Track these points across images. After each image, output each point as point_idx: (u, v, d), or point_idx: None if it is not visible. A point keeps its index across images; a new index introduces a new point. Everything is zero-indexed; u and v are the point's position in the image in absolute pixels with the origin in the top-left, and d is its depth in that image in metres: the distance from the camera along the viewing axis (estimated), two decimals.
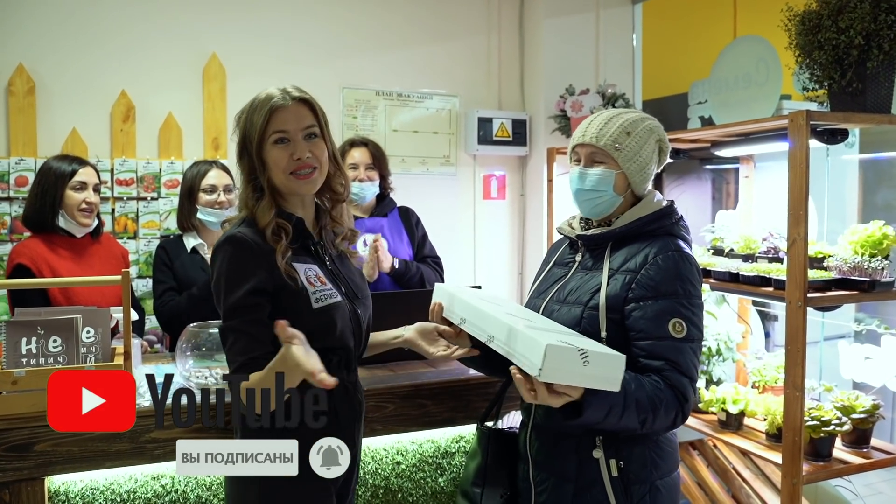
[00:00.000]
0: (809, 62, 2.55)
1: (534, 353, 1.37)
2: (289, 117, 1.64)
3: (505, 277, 4.41)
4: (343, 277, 1.76)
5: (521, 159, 4.39)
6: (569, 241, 1.90)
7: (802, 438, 2.40)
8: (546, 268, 1.94)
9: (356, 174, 2.89)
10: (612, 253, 1.73)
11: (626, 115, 1.74)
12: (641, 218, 1.72)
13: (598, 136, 1.70)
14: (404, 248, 2.98)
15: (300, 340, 1.42)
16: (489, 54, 4.29)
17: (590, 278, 1.73)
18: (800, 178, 2.34)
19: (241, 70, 3.70)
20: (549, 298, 1.80)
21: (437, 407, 2.21)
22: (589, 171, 1.73)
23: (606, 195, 1.73)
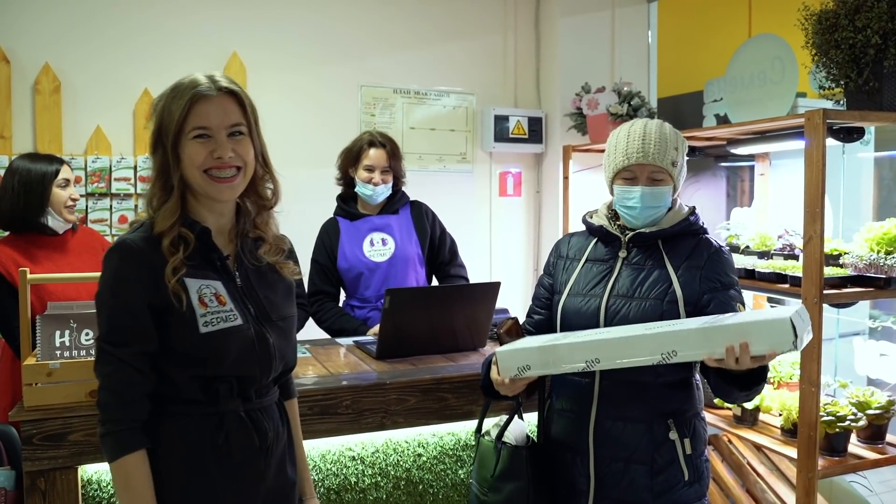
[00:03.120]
0: (826, 61, 2.57)
1: (776, 332, 1.45)
2: (212, 110, 1.43)
3: (520, 274, 4.44)
4: (254, 296, 1.54)
5: (536, 157, 4.43)
6: (597, 238, 1.97)
7: (818, 433, 2.43)
8: (573, 265, 1.97)
9: (370, 176, 2.89)
10: (666, 251, 1.86)
11: (666, 129, 1.87)
12: (687, 219, 1.88)
13: (660, 156, 1.82)
14: (412, 246, 2.98)
15: None
16: (505, 53, 4.33)
17: (649, 274, 1.84)
18: (816, 176, 2.36)
19: (262, 68, 3.75)
20: (608, 295, 1.85)
21: (458, 400, 2.25)
22: (654, 189, 1.85)
23: (664, 208, 1.88)
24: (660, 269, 1.84)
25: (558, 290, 1.98)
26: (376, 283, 2.93)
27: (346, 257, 2.92)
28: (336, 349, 2.63)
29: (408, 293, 2.51)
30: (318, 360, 2.46)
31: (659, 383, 1.80)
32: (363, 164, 2.90)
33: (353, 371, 2.31)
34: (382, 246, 2.94)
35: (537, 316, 2.04)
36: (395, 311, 2.41)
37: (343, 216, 3.02)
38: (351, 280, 2.95)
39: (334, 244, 2.95)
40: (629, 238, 1.89)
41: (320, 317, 2.95)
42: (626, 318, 1.80)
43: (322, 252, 2.98)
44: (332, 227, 3.01)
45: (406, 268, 2.96)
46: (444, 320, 2.51)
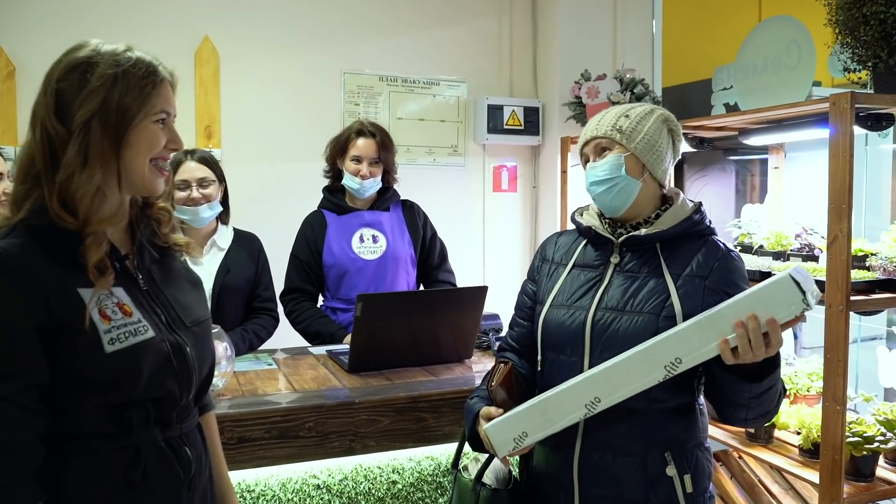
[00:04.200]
0: (851, 40, 2.30)
1: (780, 293, 1.31)
2: (170, 95, 1.31)
3: (515, 275, 4.18)
4: (162, 300, 1.32)
5: (533, 149, 4.16)
6: (587, 241, 1.72)
7: (843, 457, 2.16)
8: (558, 270, 1.73)
9: (358, 168, 2.67)
10: (665, 256, 1.60)
11: (620, 106, 1.69)
12: (690, 218, 1.63)
13: (598, 127, 1.64)
14: (405, 247, 2.76)
15: None
16: (500, 38, 4.06)
17: (644, 283, 1.58)
18: (843, 169, 2.09)
19: (236, 54, 3.50)
20: (595, 307, 1.60)
21: (438, 421, 2.00)
22: (597, 162, 1.64)
23: (621, 180, 1.61)
24: (656, 277, 1.57)
25: (541, 300, 1.72)
26: (364, 283, 2.69)
27: (332, 252, 2.69)
28: (305, 360, 2.37)
29: (382, 299, 2.26)
30: (283, 373, 2.20)
31: (654, 409, 1.54)
32: (350, 155, 2.67)
33: (320, 387, 2.05)
34: (373, 243, 2.70)
35: (519, 328, 1.79)
36: (369, 319, 2.15)
37: (330, 209, 2.79)
38: (335, 278, 2.71)
39: (319, 238, 2.72)
40: (622, 240, 1.63)
41: (295, 317, 2.72)
42: (615, 334, 1.55)
43: (304, 247, 2.74)
44: (318, 220, 2.76)
45: (397, 268, 2.73)
46: (426, 329, 2.26)
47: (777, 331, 1.33)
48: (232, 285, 2.53)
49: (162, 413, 1.27)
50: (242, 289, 2.57)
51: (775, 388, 1.45)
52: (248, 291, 2.60)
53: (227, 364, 1.96)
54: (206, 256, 2.54)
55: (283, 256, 2.85)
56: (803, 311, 1.30)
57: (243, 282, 2.57)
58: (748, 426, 1.70)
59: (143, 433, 1.23)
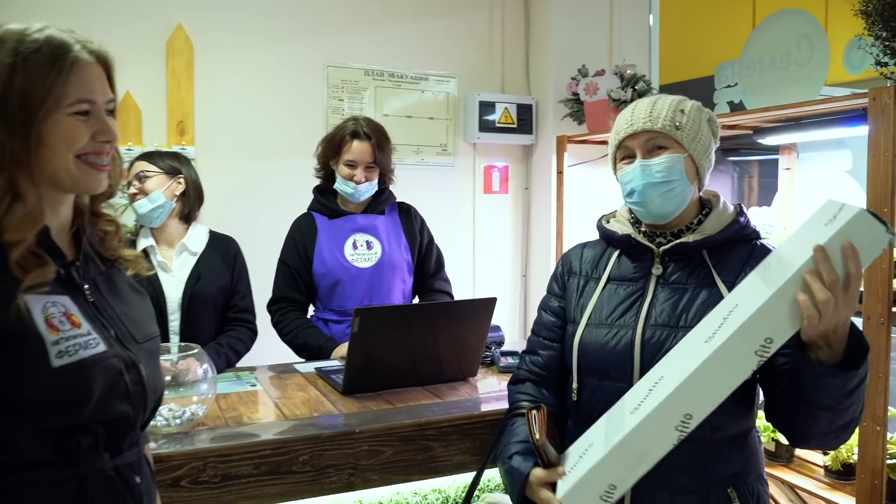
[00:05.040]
0: (881, 30, 2.14)
1: (862, 228, 1.12)
2: (94, 81, 1.10)
3: (507, 281, 3.98)
4: (110, 313, 1.16)
5: (525, 149, 3.96)
6: (620, 251, 1.55)
7: (883, 481, 2.00)
8: (591, 285, 1.55)
9: (352, 173, 2.45)
10: (714, 263, 1.44)
11: (669, 96, 1.52)
12: (736, 221, 1.49)
13: (652, 119, 1.44)
14: (401, 252, 2.55)
15: None
16: (491, 32, 3.85)
17: (696, 295, 1.42)
18: (885, 169, 1.93)
19: (211, 44, 3.25)
20: (643, 324, 1.42)
21: (446, 450, 1.79)
22: (653, 160, 1.44)
23: (680, 184, 1.45)
24: (708, 287, 1.42)
25: (572, 319, 1.54)
26: (358, 293, 2.48)
27: (323, 261, 2.47)
28: (292, 380, 2.14)
29: (381, 313, 2.04)
30: (269, 396, 1.97)
31: (716, 439, 1.37)
32: (344, 159, 2.46)
33: (312, 412, 1.83)
34: (367, 250, 2.49)
35: (546, 352, 1.59)
36: (367, 336, 1.94)
37: (320, 212, 2.56)
38: (327, 288, 2.49)
39: (309, 244, 2.50)
40: (665, 249, 1.46)
41: (282, 328, 2.50)
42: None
43: (293, 253, 2.52)
44: (308, 224, 2.54)
45: (393, 276, 2.53)
46: (427, 345, 2.04)
47: (860, 269, 1.15)
48: (204, 294, 2.30)
49: (113, 438, 1.11)
50: (216, 298, 2.34)
51: (864, 384, 1.25)
52: (222, 301, 2.37)
53: (208, 388, 1.73)
54: (177, 261, 2.31)
55: (261, 262, 2.62)
56: (890, 242, 1.14)
57: (217, 290, 2.34)
58: (825, 446, 1.50)
59: (91, 461, 1.07)
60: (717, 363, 1.17)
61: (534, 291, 3.93)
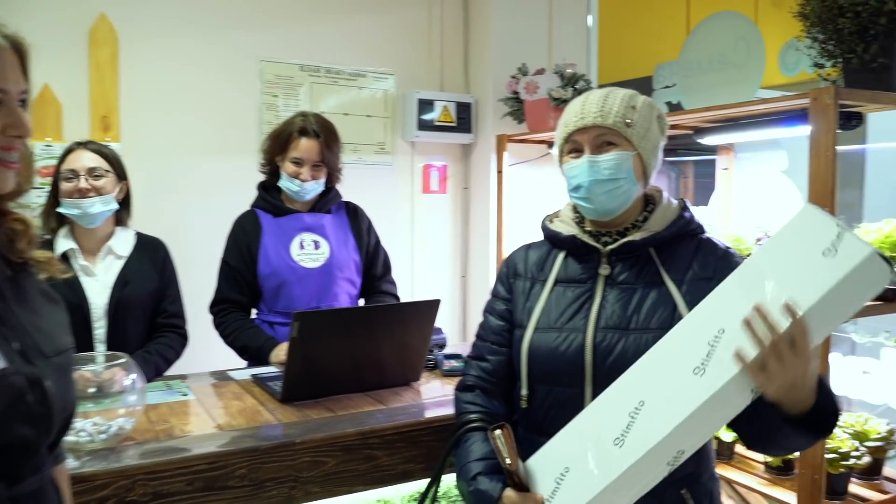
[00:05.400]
0: (825, 33, 2.17)
1: (869, 269, 1.06)
2: (7, 69, 1.00)
3: (446, 282, 3.93)
4: (16, 325, 1.04)
5: (465, 148, 3.92)
6: (566, 252, 1.51)
7: (822, 476, 2.02)
8: (538, 288, 1.51)
9: (298, 171, 2.35)
10: (662, 261, 1.41)
11: (620, 91, 1.46)
12: (681, 217, 1.45)
13: (603, 114, 1.40)
14: (349, 252, 2.46)
15: None
16: (430, 29, 3.79)
17: (646, 295, 1.39)
18: (825, 168, 1.95)
19: (137, 35, 3.09)
20: (594, 327, 1.38)
21: (391, 459, 1.72)
22: (601, 157, 1.40)
23: (627, 183, 1.42)
24: (657, 286, 1.39)
25: (520, 323, 1.49)
26: (306, 295, 2.39)
27: (269, 261, 2.36)
28: (227, 388, 2.04)
29: (322, 316, 1.95)
30: (202, 405, 1.87)
31: None
32: (291, 156, 2.36)
33: (250, 423, 1.73)
34: (314, 249, 2.40)
35: (495, 357, 1.54)
36: (307, 341, 1.85)
37: (265, 210, 2.45)
38: (272, 289, 2.39)
39: (253, 243, 2.39)
40: (612, 248, 1.43)
41: (223, 330, 2.39)
42: (622, 357, 1.34)
43: (235, 252, 2.40)
44: (251, 222, 2.43)
45: (341, 277, 2.44)
46: (369, 350, 1.97)
47: (804, 330, 1.10)
48: (132, 299, 2.17)
49: (10, 465, 0.98)
50: (145, 303, 2.22)
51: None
52: (151, 306, 2.24)
53: (136, 399, 1.62)
54: (101, 265, 2.18)
55: (191, 263, 2.51)
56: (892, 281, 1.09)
57: (146, 295, 2.21)
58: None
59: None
60: (715, 404, 1.15)
61: (473, 293, 3.89)
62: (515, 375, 1.48)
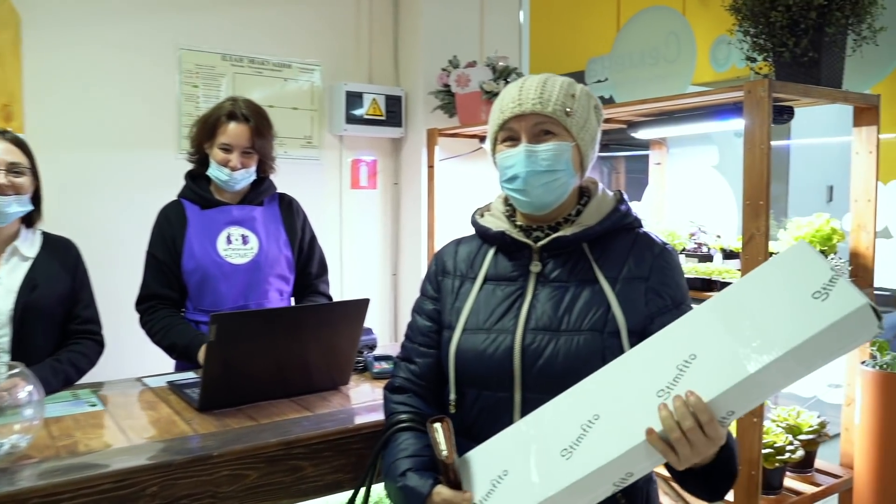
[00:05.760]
0: (756, 27, 2.16)
1: (859, 319, 0.98)
2: None
3: (376, 280, 3.82)
4: None
5: (394, 142, 3.82)
6: (496, 248, 1.43)
7: (759, 472, 2.01)
8: (466, 286, 1.43)
9: (227, 158, 2.21)
10: (595, 258, 1.33)
11: (559, 77, 1.37)
12: (616, 210, 1.38)
13: (542, 101, 1.31)
14: (280, 248, 2.33)
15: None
16: (358, 19, 3.67)
17: (578, 294, 1.31)
18: (760, 163, 1.93)
19: (42, 18, 2.88)
20: (522, 329, 1.30)
21: (317, 469, 1.62)
22: (540, 146, 1.32)
23: (565, 175, 1.34)
24: (590, 285, 1.32)
25: (448, 324, 1.41)
26: (233, 292, 2.25)
27: (193, 255, 2.21)
28: (141, 397, 1.89)
29: (242, 318, 1.82)
30: (112, 416, 1.72)
31: None
32: (219, 142, 2.21)
33: (164, 435, 1.60)
34: (243, 245, 2.26)
35: (422, 359, 1.46)
36: (226, 344, 1.72)
37: (192, 200, 2.30)
38: (196, 285, 2.24)
39: (178, 235, 2.23)
40: (542, 244, 1.36)
41: (150, 328, 2.23)
42: (553, 360, 1.27)
43: (161, 244, 2.24)
44: (177, 212, 2.27)
45: (271, 274, 2.31)
46: (295, 353, 1.86)
47: (712, 419, 1.05)
48: (41, 305, 2.00)
49: None
50: (55, 309, 2.04)
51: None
52: (62, 311, 2.07)
53: (34, 413, 1.46)
54: (5, 267, 2.00)
55: (105, 266, 2.34)
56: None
57: (56, 300, 2.04)
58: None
59: None
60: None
61: (404, 291, 3.80)
62: (445, 378, 1.40)
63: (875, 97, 2.23)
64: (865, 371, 2.20)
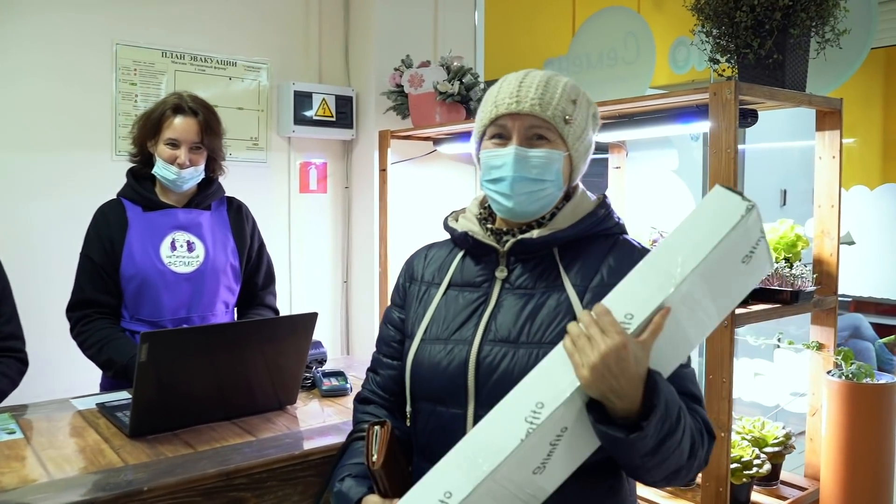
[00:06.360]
0: (720, 28, 2.09)
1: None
2: None
3: (327, 288, 3.67)
4: None
5: (345, 144, 3.68)
6: (465, 251, 1.32)
7: (727, 488, 1.94)
8: (431, 292, 1.32)
9: (175, 154, 2.05)
10: (565, 265, 1.23)
11: (562, 78, 1.26)
12: (593, 213, 1.27)
13: (542, 103, 1.21)
14: (227, 256, 2.18)
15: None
16: (307, 16, 3.52)
17: (542, 302, 1.20)
18: (726, 166, 1.86)
19: None
20: (480, 340, 1.20)
21: (261, 501, 1.49)
22: (531, 151, 1.22)
23: (553, 186, 1.24)
24: (557, 293, 1.21)
25: (410, 333, 1.31)
26: (175, 302, 2.09)
27: (133, 260, 2.04)
28: (65, 421, 1.73)
29: (176, 336, 1.68)
30: (32, 446, 1.56)
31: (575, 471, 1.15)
32: (165, 137, 2.06)
33: (89, 467, 1.45)
34: (188, 252, 2.11)
35: (386, 371, 1.37)
36: (159, 364, 1.58)
37: (134, 201, 2.12)
38: (134, 292, 2.06)
39: (118, 238, 2.05)
40: (508, 247, 1.25)
41: (83, 340, 2.04)
42: (507, 376, 1.15)
43: (98, 246, 2.06)
44: (117, 213, 2.10)
45: (217, 284, 2.15)
46: (237, 372, 1.72)
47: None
48: None
49: None
50: None
51: (673, 437, 1.03)
52: None
53: None
54: None
55: (29, 275, 2.15)
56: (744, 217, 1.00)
57: None
58: (665, 487, 1.34)
59: None
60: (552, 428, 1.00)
61: (356, 300, 3.66)
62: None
63: (838, 101, 2.19)
64: (831, 381, 2.15)
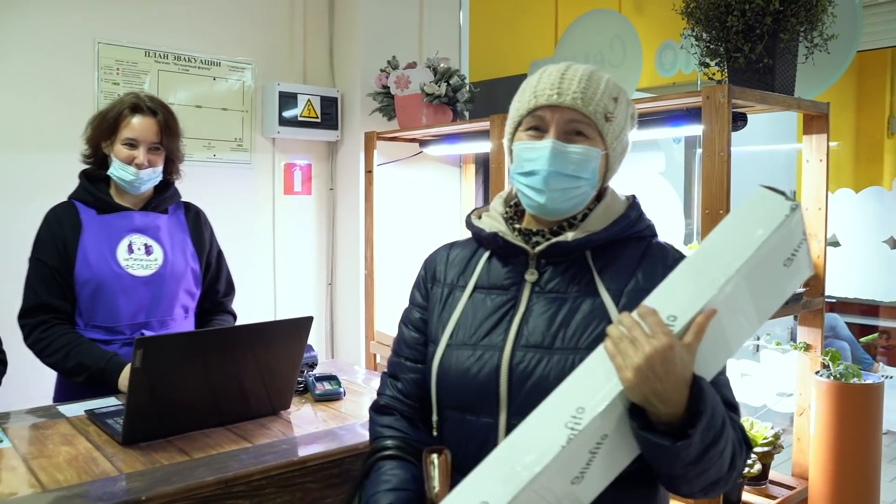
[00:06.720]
0: (710, 32, 2.11)
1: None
2: None
3: (311, 291, 3.65)
4: None
5: (330, 145, 3.65)
6: (490, 252, 1.29)
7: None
8: (456, 295, 1.29)
9: (132, 155, 1.99)
10: (598, 268, 1.20)
11: (604, 74, 1.23)
12: (626, 216, 1.24)
13: (585, 97, 1.17)
14: (186, 260, 2.13)
15: None
16: (293, 16, 3.49)
17: (577, 307, 1.17)
18: (719, 170, 1.87)
19: None
20: (512, 346, 1.16)
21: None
22: (570, 147, 1.18)
23: (588, 184, 1.21)
24: (591, 298, 1.18)
25: (434, 338, 1.28)
26: (133, 307, 2.02)
27: (88, 264, 1.97)
28: (55, 429, 1.70)
29: (172, 341, 1.65)
30: (19, 455, 1.52)
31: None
32: (123, 137, 2.00)
33: (82, 476, 1.42)
34: (146, 255, 2.04)
35: (409, 375, 1.33)
36: (153, 370, 1.55)
37: (88, 203, 2.06)
38: (89, 297, 1.99)
39: (71, 241, 1.98)
40: (540, 250, 1.22)
41: (44, 347, 1.96)
42: (543, 382, 1.13)
43: (51, 248, 1.99)
44: (70, 215, 2.03)
45: (177, 288, 2.09)
46: (230, 377, 1.70)
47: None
48: None
49: None
50: None
51: (717, 446, 1.01)
52: None
53: None
54: None
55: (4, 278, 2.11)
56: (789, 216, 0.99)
57: None
58: (701, 498, 1.31)
59: None
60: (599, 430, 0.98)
61: (341, 302, 3.64)
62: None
63: (825, 105, 2.21)
64: (819, 381, 2.18)
